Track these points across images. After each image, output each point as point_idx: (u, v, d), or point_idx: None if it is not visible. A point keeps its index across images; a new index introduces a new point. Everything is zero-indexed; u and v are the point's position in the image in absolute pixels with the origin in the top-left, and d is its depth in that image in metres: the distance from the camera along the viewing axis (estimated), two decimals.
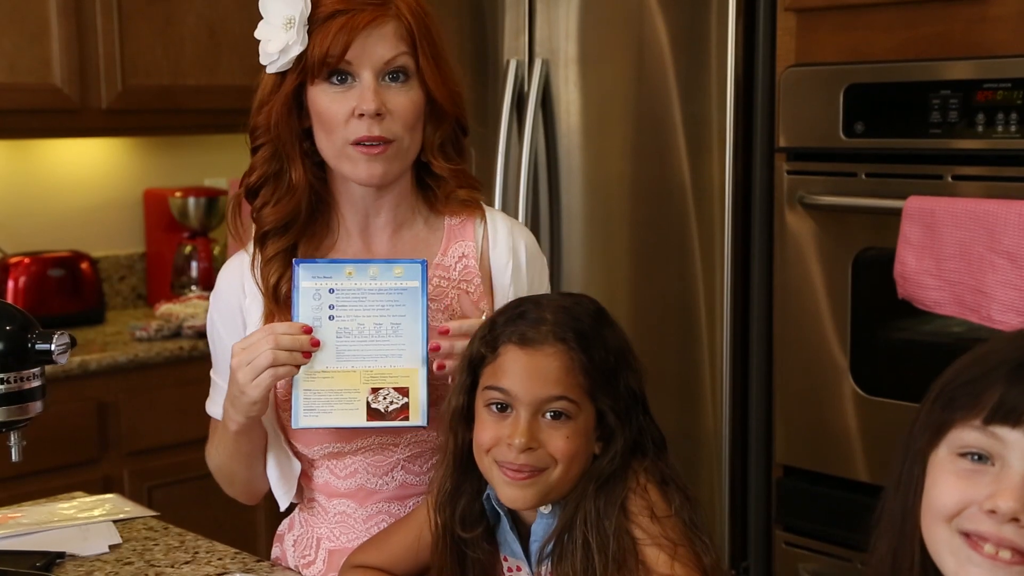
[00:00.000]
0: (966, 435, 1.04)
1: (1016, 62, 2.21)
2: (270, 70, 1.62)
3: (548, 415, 1.40)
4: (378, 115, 1.57)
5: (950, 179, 2.30)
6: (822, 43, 2.49)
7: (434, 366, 1.56)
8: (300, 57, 1.59)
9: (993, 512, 0.99)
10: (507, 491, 1.42)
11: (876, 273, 2.40)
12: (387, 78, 1.59)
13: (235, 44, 3.50)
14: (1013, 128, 2.20)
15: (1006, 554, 1.00)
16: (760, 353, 2.64)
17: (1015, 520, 0.99)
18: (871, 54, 2.42)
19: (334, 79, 1.59)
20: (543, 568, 1.45)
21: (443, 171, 1.68)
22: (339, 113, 1.59)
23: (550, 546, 1.43)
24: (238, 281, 1.70)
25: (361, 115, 1.57)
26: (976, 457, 1.03)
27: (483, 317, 1.57)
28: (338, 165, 1.63)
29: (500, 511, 1.48)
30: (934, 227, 2.24)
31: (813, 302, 2.51)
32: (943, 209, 2.23)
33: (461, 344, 1.53)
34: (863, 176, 2.42)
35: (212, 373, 1.77)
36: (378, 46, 1.57)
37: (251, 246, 1.70)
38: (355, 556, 1.62)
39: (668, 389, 2.72)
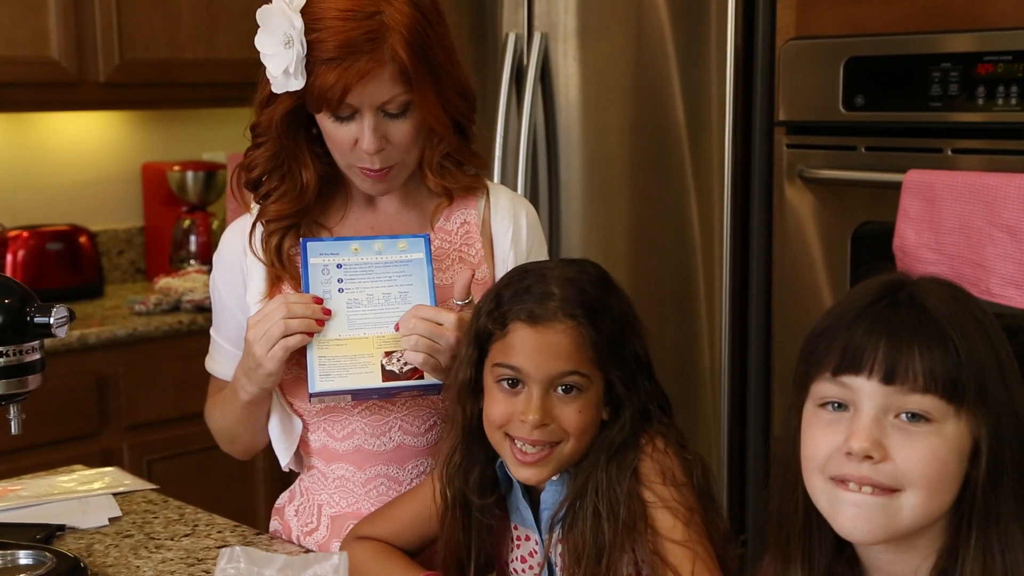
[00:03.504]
0: (823, 387, 1.13)
1: (1017, 35, 2.20)
2: (273, 90, 1.60)
3: (560, 389, 1.41)
4: (380, 150, 1.60)
5: (950, 152, 2.30)
6: (822, 16, 2.48)
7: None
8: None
9: (850, 453, 1.09)
10: (521, 471, 1.43)
11: (875, 247, 2.40)
12: (385, 115, 1.60)
13: (233, 17, 3.49)
14: (1013, 101, 2.19)
15: (868, 489, 1.09)
16: (759, 327, 2.64)
17: (869, 458, 1.08)
18: (871, 27, 2.41)
19: (333, 116, 1.60)
20: (553, 536, 1.46)
21: (437, 188, 1.71)
22: (342, 140, 1.61)
23: (560, 514, 1.44)
24: (240, 243, 1.73)
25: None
26: (835, 406, 1.12)
27: (458, 303, 1.61)
28: (346, 175, 1.67)
29: (513, 479, 1.49)
30: (934, 201, 2.24)
31: (812, 276, 2.51)
32: (943, 183, 2.23)
33: (424, 328, 1.55)
34: (863, 150, 2.41)
35: (212, 331, 1.81)
36: (376, 92, 1.57)
37: (255, 208, 1.73)
38: (359, 528, 1.63)
39: (667, 363, 2.70)
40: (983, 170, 2.23)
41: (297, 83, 1.56)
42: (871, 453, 1.08)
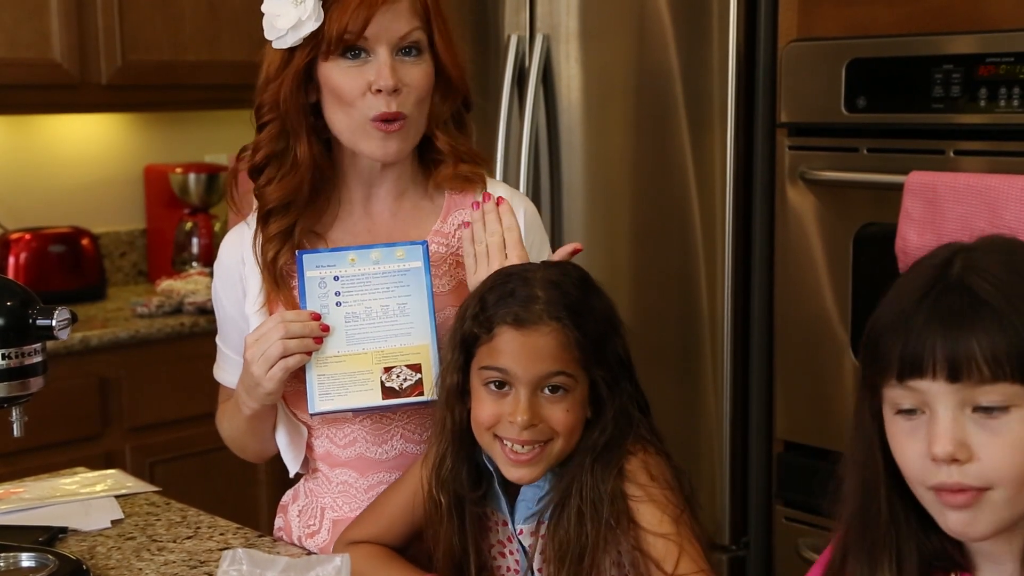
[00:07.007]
0: (893, 394, 1.09)
1: (1019, 36, 2.20)
2: (278, 46, 1.62)
3: (547, 390, 1.42)
4: (395, 91, 1.59)
5: (952, 154, 2.30)
6: (824, 17, 2.48)
7: None
8: (313, 33, 1.59)
9: (936, 459, 1.05)
10: (512, 471, 1.44)
11: (877, 248, 2.40)
12: (400, 53, 1.61)
13: (235, 19, 3.49)
14: (1016, 103, 2.19)
15: (961, 495, 1.05)
16: (761, 328, 2.64)
17: (956, 460, 1.04)
18: (873, 28, 2.41)
19: (348, 55, 1.60)
20: (526, 527, 1.49)
21: (445, 146, 1.70)
22: (355, 88, 1.60)
23: (542, 509, 1.45)
24: (238, 252, 1.72)
25: (378, 91, 1.59)
26: (911, 411, 1.08)
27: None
28: (354, 142, 1.64)
29: (491, 469, 1.50)
30: (936, 202, 2.24)
31: (814, 277, 2.51)
32: (945, 184, 2.23)
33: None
34: (865, 151, 2.41)
35: (217, 339, 1.81)
36: (394, 22, 1.59)
37: (251, 218, 1.71)
38: (348, 532, 1.63)
39: (669, 364, 2.72)
40: (985, 172, 2.23)
41: (313, 24, 1.58)
42: (956, 456, 1.04)
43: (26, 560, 1.62)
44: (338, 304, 1.61)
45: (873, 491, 1.14)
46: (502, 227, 1.61)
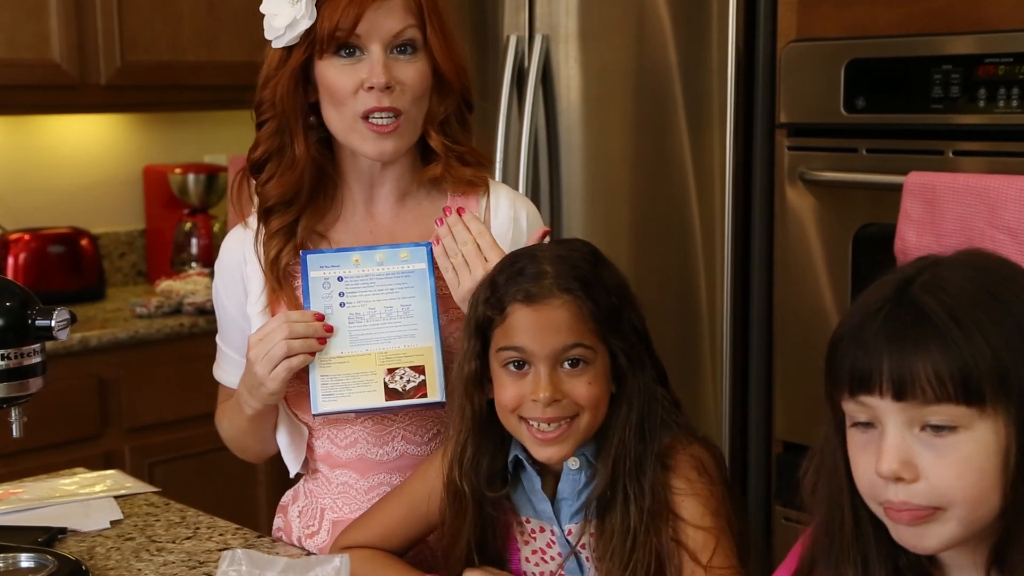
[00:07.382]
0: (849, 407, 1.08)
1: (1018, 36, 2.20)
2: (276, 45, 1.62)
3: (566, 364, 1.41)
4: (387, 88, 1.59)
5: (951, 155, 2.30)
6: (823, 18, 2.48)
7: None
8: (308, 31, 1.60)
9: (881, 476, 1.04)
10: (542, 450, 1.43)
11: (877, 249, 2.40)
12: (395, 51, 1.61)
13: (234, 20, 3.49)
14: (1015, 103, 2.19)
15: (908, 513, 1.04)
16: (760, 329, 2.64)
17: (900, 479, 1.03)
18: (873, 29, 2.41)
19: (342, 52, 1.61)
20: (575, 527, 1.47)
21: (439, 146, 1.69)
22: (347, 86, 1.60)
23: (587, 501, 1.44)
24: (239, 251, 1.72)
25: (370, 88, 1.59)
26: (867, 424, 1.07)
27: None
28: (347, 140, 1.65)
29: (532, 469, 1.48)
30: (935, 203, 2.24)
31: (813, 278, 2.51)
32: (944, 185, 2.23)
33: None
34: (864, 152, 2.41)
35: (218, 339, 1.81)
36: (387, 19, 1.59)
37: (251, 219, 1.71)
38: (344, 536, 1.62)
39: (668, 364, 2.70)
40: (984, 172, 2.23)
41: (306, 22, 1.58)
42: (901, 474, 1.03)
43: (25, 561, 1.62)
44: (342, 305, 1.61)
45: (838, 502, 1.13)
46: (472, 234, 1.60)
